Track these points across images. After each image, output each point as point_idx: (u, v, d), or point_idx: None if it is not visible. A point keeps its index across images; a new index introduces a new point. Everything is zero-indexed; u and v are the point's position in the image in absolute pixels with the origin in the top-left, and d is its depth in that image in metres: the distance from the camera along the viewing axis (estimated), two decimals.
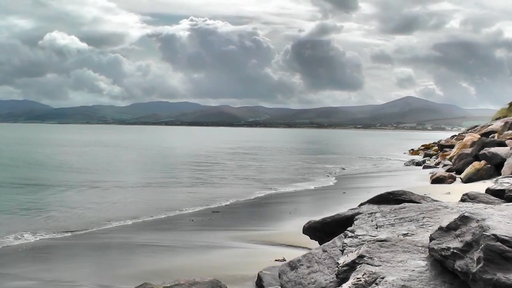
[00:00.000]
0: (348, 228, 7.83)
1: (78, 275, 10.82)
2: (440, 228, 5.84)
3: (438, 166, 33.62)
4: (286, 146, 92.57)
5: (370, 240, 6.60)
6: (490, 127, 40.76)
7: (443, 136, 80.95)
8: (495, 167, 23.13)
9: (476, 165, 23.62)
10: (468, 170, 23.68)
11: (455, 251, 5.38)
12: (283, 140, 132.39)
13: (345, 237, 7.48)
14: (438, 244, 5.71)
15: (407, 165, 41.18)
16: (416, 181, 26.58)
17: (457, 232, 5.59)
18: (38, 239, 14.91)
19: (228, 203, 21.84)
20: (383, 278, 5.55)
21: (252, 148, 78.31)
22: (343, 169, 41.86)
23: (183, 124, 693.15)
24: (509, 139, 29.59)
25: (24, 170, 37.99)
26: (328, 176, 35.23)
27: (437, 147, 51.56)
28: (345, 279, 6.08)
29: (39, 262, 12.36)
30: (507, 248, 4.87)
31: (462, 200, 10.42)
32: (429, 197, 10.60)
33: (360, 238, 7.08)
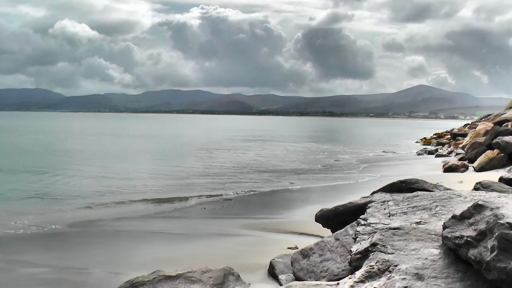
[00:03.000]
0: (360, 216, 7.82)
1: (90, 262, 10.87)
2: (454, 217, 5.82)
3: (450, 155, 33.48)
4: (300, 135, 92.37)
5: (383, 228, 6.59)
6: (503, 116, 40.55)
7: (456, 125, 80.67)
8: (508, 156, 23.00)
9: (489, 154, 23.49)
10: (481, 159, 23.55)
11: (468, 239, 5.36)
12: (296, 129, 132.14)
13: (357, 225, 7.47)
14: (452, 232, 5.69)
15: (419, 154, 40.95)
16: (428, 170, 26.46)
17: (471, 220, 5.57)
18: (49, 226, 14.98)
19: (240, 192, 21.81)
20: (396, 266, 5.55)
21: (264, 138, 78.28)
22: (355, 158, 41.80)
23: (196, 112, 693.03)
24: None
25: (36, 157, 38.17)
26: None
27: (449, 136, 51.29)
28: (358, 267, 6.08)
29: (52, 249, 12.42)
30: None
31: (475, 188, 10.38)
32: (442, 186, 10.56)
33: (372, 226, 7.06)
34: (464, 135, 41.00)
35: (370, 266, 5.67)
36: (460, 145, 34.87)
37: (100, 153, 43.59)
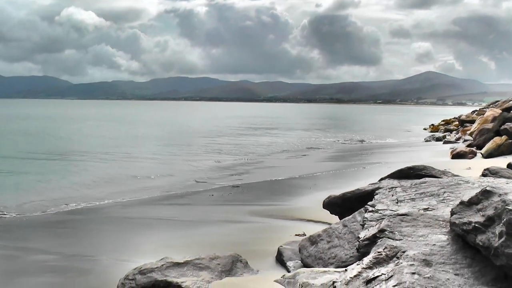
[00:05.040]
0: (368, 203, 7.82)
1: (98, 249, 10.91)
2: (462, 203, 5.81)
3: (458, 142, 33.41)
4: (307, 122, 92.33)
5: (391, 215, 6.59)
6: (511, 102, 40.40)
7: (464, 111, 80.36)
8: None
9: (497, 140, 23.40)
10: (489, 145, 23.47)
11: (476, 225, 5.35)
12: (304, 116, 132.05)
13: (365, 212, 7.48)
14: (460, 218, 5.68)
15: (427, 140, 40.91)
16: (436, 156, 26.36)
17: (479, 206, 5.55)
18: (57, 213, 15.09)
19: (247, 179, 21.83)
20: (404, 252, 5.55)
21: (273, 126, 78.35)
22: (363, 143, 41.82)
23: (203, 99, 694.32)
24: None
25: (44, 144, 38.33)
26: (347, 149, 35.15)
27: (457, 123, 51.16)
28: (366, 253, 6.08)
29: (60, 236, 12.48)
30: None
31: (483, 175, 10.37)
32: (449, 172, 10.53)
33: (380, 213, 7.07)
34: (472, 122, 40.88)
35: (378, 252, 5.68)
36: (468, 132, 34.77)
37: (108, 140, 43.67)
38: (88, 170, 24.63)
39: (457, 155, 23.63)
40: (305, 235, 9.98)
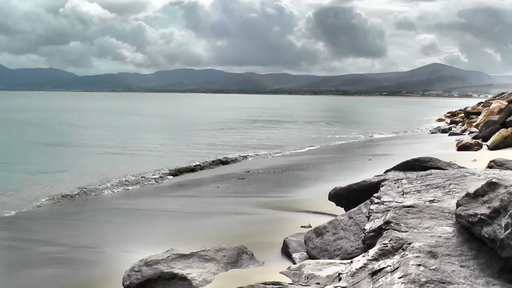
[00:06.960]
0: (374, 195, 7.80)
1: (104, 241, 10.94)
2: (467, 195, 5.80)
3: (464, 134, 33.35)
4: (313, 115, 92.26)
5: (397, 207, 6.58)
6: None
7: (469, 103, 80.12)
8: None
9: (503, 132, 23.33)
10: (495, 137, 23.40)
11: (482, 217, 5.35)
12: (308, 108, 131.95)
13: (371, 204, 7.46)
14: (465, 210, 5.67)
15: (433, 132, 40.88)
16: (442, 148, 26.32)
17: (485, 198, 5.54)
18: (64, 204, 15.13)
19: (253, 171, 21.81)
20: (410, 244, 5.55)
21: (280, 118, 78.34)
22: (370, 136, 41.80)
23: (209, 91, 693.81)
24: None
25: (49, 134, 38.40)
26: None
27: (463, 115, 51.05)
28: (371, 245, 6.08)
29: (66, 228, 12.51)
30: None
31: (489, 166, 10.33)
32: (455, 164, 10.52)
33: (386, 205, 7.05)
34: (478, 114, 40.77)
35: (384, 244, 5.68)
36: (474, 124, 34.69)
37: (113, 130, 43.74)
38: (93, 161, 24.66)
39: (462, 147, 23.59)
40: (311, 227, 10.00)
